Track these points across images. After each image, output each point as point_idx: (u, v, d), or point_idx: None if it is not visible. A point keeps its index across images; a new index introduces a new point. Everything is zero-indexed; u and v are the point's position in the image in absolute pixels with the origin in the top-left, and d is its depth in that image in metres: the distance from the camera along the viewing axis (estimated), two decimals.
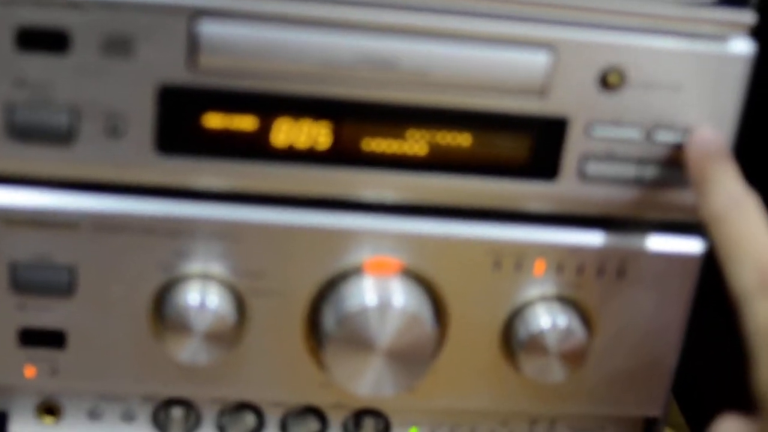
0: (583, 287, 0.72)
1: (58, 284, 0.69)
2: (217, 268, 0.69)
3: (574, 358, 0.71)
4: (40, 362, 0.71)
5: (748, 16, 0.66)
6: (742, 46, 0.66)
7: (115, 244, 0.68)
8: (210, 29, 0.63)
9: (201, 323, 0.68)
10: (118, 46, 0.63)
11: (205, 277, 0.69)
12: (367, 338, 0.68)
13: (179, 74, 0.64)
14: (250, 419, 0.77)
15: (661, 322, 0.73)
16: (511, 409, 0.77)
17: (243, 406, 0.76)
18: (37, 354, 0.71)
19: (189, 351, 0.69)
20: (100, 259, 0.68)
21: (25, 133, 0.64)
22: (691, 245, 0.72)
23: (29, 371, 0.72)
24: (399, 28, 0.64)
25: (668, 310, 0.73)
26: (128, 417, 0.76)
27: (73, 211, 0.67)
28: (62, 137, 0.65)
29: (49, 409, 0.76)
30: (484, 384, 0.74)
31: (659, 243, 0.71)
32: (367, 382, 0.70)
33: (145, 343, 0.71)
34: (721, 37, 0.66)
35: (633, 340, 0.74)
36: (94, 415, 0.76)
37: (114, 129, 0.65)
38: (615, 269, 0.71)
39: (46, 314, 0.70)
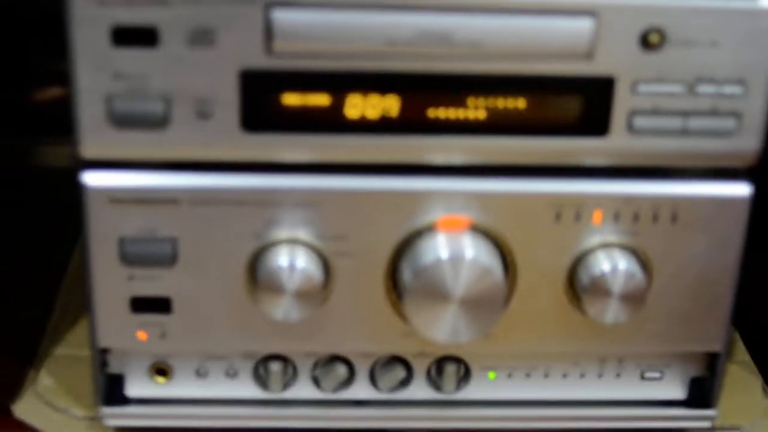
0: (640, 233, 0.76)
1: (162, 255, 0.75)
2: (302, 233, 0.75)
3: (635, 299, 0.76)
4: (150, 327, 0.78)
5: None
6: None
7: (211, 216, 0.74)
8: (283, 17, 0.69)
9: (291, 283, 0.74)
10: (201, 36, 0.69)
11: (293, 241, 0.75)
12: (442, 289, 0.74)
13: (258, 59, 0.70)
14: (341, 370, 0.82)
15: (715, 262, 0.78)
16: (581, 350, 0.82)
17: (334, 359, 0.82)
18: (146, 320, 0.78)
19: (282, 309, 0.75)
20: (199, 231, 0.75)
21: (125, 121, 0.71)
22: (738, 189, 0.76)
23: (141, 336, 0.78)
24: (451, 5, 0.69)
25: (721, 251, 0.78)
26: (231, 374, 0.82)
27: (171, 188, 0.74)
28: (157, 122, 0.71)
29: (161, 370, 0.82)
30: (553, 328, 0.80)
31: (708, 188, 0.76)
32: (445, 329, 0.75)
33: (242, 305, 0.77)
34: None
35: (689, 280, 0.78)
36: (200, 373, 0.82)
37: (203, 112, 0.71)
38: (668, 215, 0.76)
39: (152, 283, 0.76)
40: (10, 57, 0.90)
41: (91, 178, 0.73)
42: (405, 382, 0.83)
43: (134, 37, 0.69)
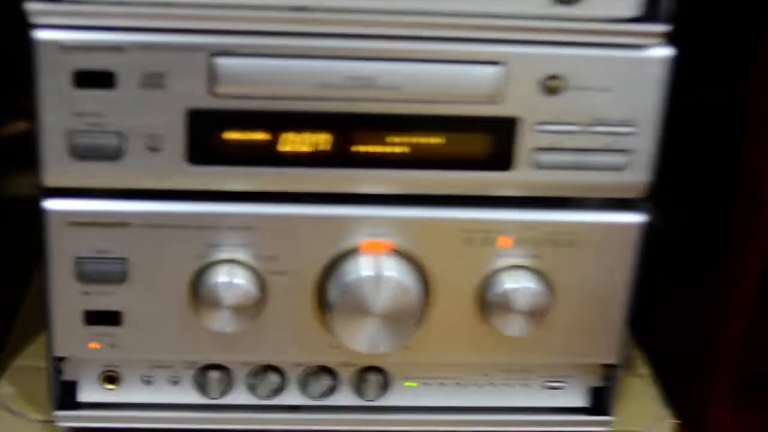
0: (541, 256, 0.85)
1: (114, 273, 0.83)
2: (240, 254, 0.83)
3: (536, 315, 0.85)
4: (102, 338, 0.85)
5: (662, 27, 0.79)
6: (659, 52, 0.80)
7: (159, 238, 0.82)
8: (225, 63, 0.77)
9: (228, 298, 0.82)
10: (153, 80, 0.77)
11: (232, 262, 0.83)
12: (364, 305, 0.82)
13: (203, 100, 0.78)
14: (274, 378, 0.90)
15: (610, 283, 0.87)
16: (490, 361, 0.91)
17: (268, 368, 0.89)
18: (99, 331, 0.85)
19: (220, 322, 0.83)
20: (147, 252, 0.82)
21: (84, 154, 0.79)
22: (630, 217, 0.85)
23: (93, 346, 0.85)
24: (375, 54, 0.78)
25: (615, 273, 0.86)
26: (174, 381, 0.90)
27: (123, 213, 0.81)
28: (113, 155, 0.79)
29: (110, 377, 0.89)
30: (465, 341, 0.88)
31: (603, 217, 0.85)
32: (366, 341, 0.84)
33: (185, 318, 0.85)
34: (642, 46, 0.80)
35: (587, 299, 0.87)
36: (146, 380, 0.89)
37: (153, 146, 0.79)
38: (567, 240, 0.85)
39: (105, 298, 0.84)
40: None
41: (52, 204, 0.81)
42: (332, 390, 0.91)
43: (93, 79, 0.77)
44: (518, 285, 0.85)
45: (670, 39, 0.80)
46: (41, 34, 0.76)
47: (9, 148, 0.96)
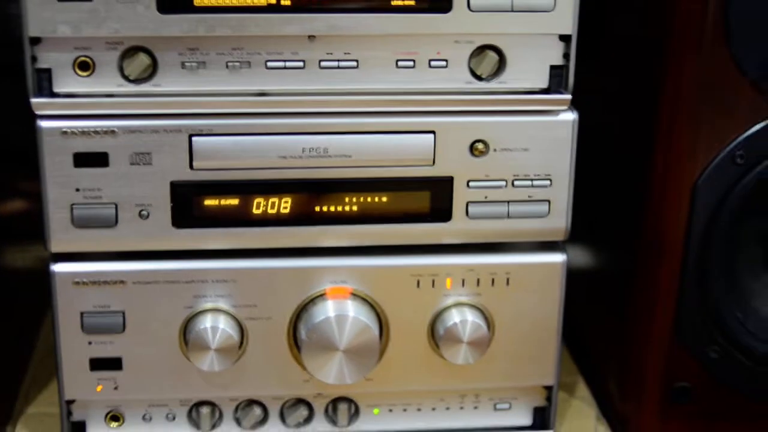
0: (482, 294, 0.97)
1: (114, 325, 0.93)
2: (222, 303, 0.94)
3: (480, 345, 0.96)
4: (106, 381, 0.95)
5: (566, 96, 0.92)
6: (566, 116, 0.93)
7: (151, 293, 0.93)
8: (201, 142, 0.90)
9: (214, 342, 0.93)
10: (141, 158, 0.90)
11: (215, 310, 0.94)
12: (330, 342, 0.93)
13: (184, 173, 0.90)
14: (257, 411, 0.99)
15: (542, 314, 0.98)
16: (443, 388, 1.01)
17: (251, 402, 0.98)
18: (103, 376, 0.94)
19: (208, 363, 0.93)
20: (142, 305, 0.93)
21: (84, 223, 0.91)
22: (554, 257, 0.97)
23: (98, 389, 0.95)
24: (327, 129, 0.91)
25: (546, 304, 0.98)
26: (170, 417, 0.98)
27: (120, 273, 0.93)
28: (109, 223, 0.91)
29: (114, 416, 0.98)
30: (420, 370, 0.98)
31: (531, 258, 0.97)
32: (334, 374, 0.93)
33: (178, 361, 0.95)
34: (552, 112, 0.94)
35: (524, 329, 0.98)
36: (146, 418, 0.98)
37: (143, 214, 0.91)
38: (503, 280, 0.97)
39: (107, 347, 0.94)
40: None
41: (58, 267, 0.93)
42: (308, 419, 1.00)
43: (90, 159, 0.89)
44: (463, 319, 0.96)
45: (573, 105, 0.93)
46: (44, 123, 0.89)
47: (10, 224, 1.06)
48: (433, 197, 0.94)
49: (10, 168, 1.04)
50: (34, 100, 0.88)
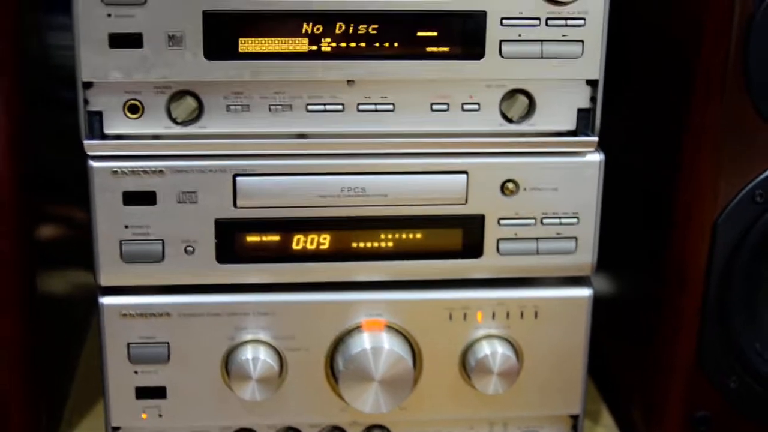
0: (511, 327, 1.00)
1: (159, 355, 0.97)
2: (263, 335, 0.98)
3: (509, 376, 1.00)
4: (150, 409, 0.98)
5: (593, 139, 0.96)
6: (593, 157, 0.97)
7: (195, 325, 0.97)
8: (245, 182, 0.94)
9: (255, 372, 0.96)
10: (187, 196, 0.94)
11: (256, 341, 0.98)
12: (366, 373, 0.97)
13: (228, 211, 0.94)
14: None
15: (568, 346, 1.02)
16: (474, 417, 1.04)
17: (289, 429, 1.01)
18: (147, 404, 0.98)
19: (249, 392, 0.97)
20: (186, 336, 0.97)
21: (132, 259, 0.95)
22: (581, 292, 1.01)
23: (143, 416, 0.99)
24: (365, 169, 0.95)
25: (572, 336, 1.02)
26: None
27: (165, 305, 0.97)
28: (156, 258, 0.95)
29: None
30: (452, 400, 1.01)
31: (559, 293, 1.01)
32: (369, 403, 0.97)
33: (219, 390, 0.98)
34: (580, 153, 0.98)
35: (551, 360, 1.02)
36: None
37: (189, 250, 0.95)
38: (532, 313, 1.00)
39: (152, 376, 0.97)
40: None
41: (107, 300, 0.97)
42: None
43: (139, 198, 0.93)
44: (494, 351, 1.00)
45: (600, 145, 0.97)
46: (96, 164, 0.93)
47: (49, 250, 1.09)
48: (465, 234, 0.98)
49: (46, 195, 1.08)
50: (86, 142, 0.92)
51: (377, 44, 0.93)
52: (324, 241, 0.97)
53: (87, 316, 1.25)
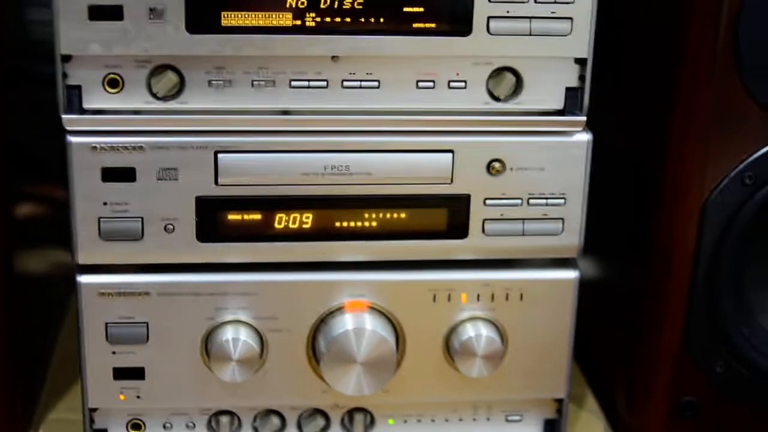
0: (496, 309, 0.99)
1: (138, 335, 0.95)
2: (243, 315, 0.97)
3: (494, 358, 0.99)
4: (128, 391, 0.97)
5: (581, 118, 0.95)
6: (581, 137, 0.96)
7: (175, 305, 0.96)
8: (226, 158, 0.92)
9: (235, 353, 0.95)
10: (168, 173, 0.92)
11: (237, 322, 0.97)
12: (348, 354, 0.96)
13: (209, 189, 0.93)
14: (275, 421, 1.01)
15: (554, 329, 1.01)
16: (457, 399, 1.03)
17: (270, 412, 1.00)
18: (125, 385, 0.96)
19: (229, 373, 0.96)
20: (165, 316, 0.96)
21: (111, 237, 0.93)
22: (567, 274, 1.00)
23: (121, 397, 0.97)
24: (349, 147, 0.94)
25: (558, 320, 1.01)
26: (191, 426, 1.00)
27: (145, 284, 0.95)
28: (135, 236, 0.94)
29: (136, 424, 1.00)
30: (435, 383, 1.01)
31: (545, 274, 1.00)
32: (351, 385, 0.96)
33: (199, 372, 0.98)
34: (567, 133, 0.97)
35: (536, 343, 1.01)
36: (167, 427, 1.00)
37: (168, 228, 0.94)
38: (517, 295, 0.99)
39: (130, 357, 0.96)
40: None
41: (85, 279, 0.95)
42: (325, 429, 1.02)
43: (118, 175, 0.92)
44: (478, 333, 0.99)
45: (588, 126, 0.96)
46: (74, 139, 0.92)
47: (26, 228, 1.08)
48: (451, 214, 0.97)
49: (24, 172, 1.06)
50: (64, 117, 0.90)
51: (362, 19, 0.91)
52: (307, 220, 0.96)
53: (65, 296, 1.23)
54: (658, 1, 1.01)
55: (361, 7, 0.91)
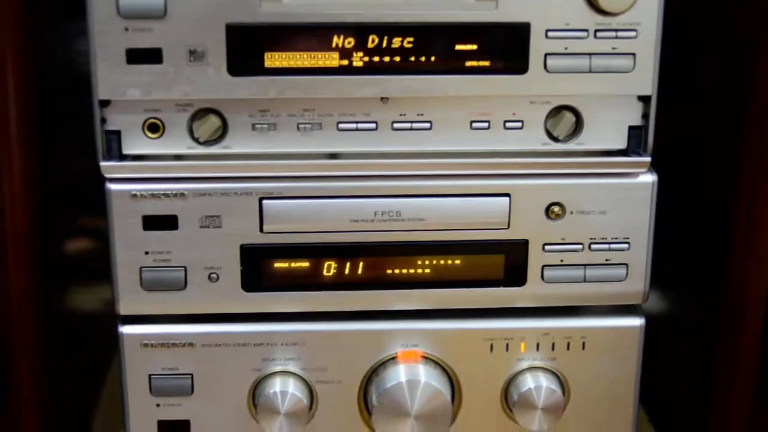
0: (557, 359, 0.95)
1: (183, 387, 0.94)
2: (292, 366, 0.94)
3: (555, 410, 0.95)
4: None
5: (646, 159, 0.91)
6: (645, 178, 0.92)
7: (220, 356, 0.93)
8: (271, 205, 0.89)
9: (284, 406, 0.92)
10: (211, 220, 0.90)
11: (285, 373, 0.94)
12: (402, 407, 0.93)
13: (254, 237, 0.90)
14: None
15: (618, 378, 0.96)
16: None
17: None
18: None
19: (277, 426, 0.93)
20: (210, 367, 0.93)
21: (153, 287, 0.91)
22: (632, 321, 0.96)
23: None
24: (400, 192, 0.90)
25: (623, 369, 0.96)
26: None
27: (189, 335, 0.93)
28: (178, 286, 0.91)
29: None
30: None
31: (608, 322, 0.96)
32: None
33: (246, 424, 0.95)
34: (631, 174, 0.92)
35: (600, 393, 0.97)
36: None
37: (212, 277, 0.91)
38: (579, 344, 0.95)
39: (175, 409, 0.95)
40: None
41: (127, 329, 0.93)
42: None
43: (160, 223, 0.89)
44: (538, 385, 0.95)
45: (652, 166, 0.91)
46: (114, 186, 0.89)
47: (75, 264, 1.05)
48: (508, 261, 0.93)
49: (73, 207, 1.05)
50: (103, 164, 0.88)
51: (413, 58, 0.87)
52: (357, 267, 0.92)
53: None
54: (726, 31, 0.96)
55: (411, 45, 0.87)
